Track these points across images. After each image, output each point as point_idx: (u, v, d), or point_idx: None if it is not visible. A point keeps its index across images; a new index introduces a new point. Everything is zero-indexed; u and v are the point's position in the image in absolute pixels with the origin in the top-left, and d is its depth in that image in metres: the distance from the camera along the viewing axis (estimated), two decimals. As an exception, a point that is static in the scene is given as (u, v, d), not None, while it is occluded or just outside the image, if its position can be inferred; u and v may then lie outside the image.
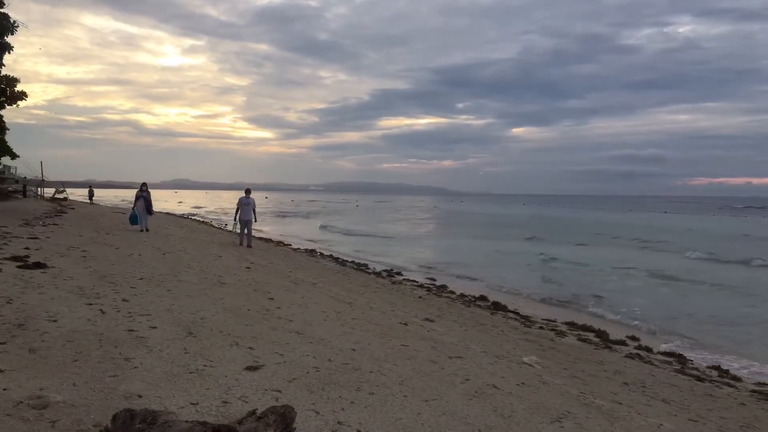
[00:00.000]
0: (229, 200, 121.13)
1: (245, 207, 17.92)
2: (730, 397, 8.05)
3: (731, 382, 9.25)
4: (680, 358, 10.54)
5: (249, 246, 17.99)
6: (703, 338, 12.50)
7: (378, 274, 19.28)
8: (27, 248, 10.52)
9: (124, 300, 6.83)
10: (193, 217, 44.27)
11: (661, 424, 5.63)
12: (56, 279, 7.68)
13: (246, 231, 18.21)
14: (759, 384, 9.28)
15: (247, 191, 18.45)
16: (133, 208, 18.80)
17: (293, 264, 16.52)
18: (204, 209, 69.82)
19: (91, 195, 50.22)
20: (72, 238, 13.57)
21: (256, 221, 19.02)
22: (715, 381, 9.15)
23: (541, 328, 12.25)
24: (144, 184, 19.20)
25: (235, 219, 18.63)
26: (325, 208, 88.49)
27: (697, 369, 9.95)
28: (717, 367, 10.10)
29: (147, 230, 18.05)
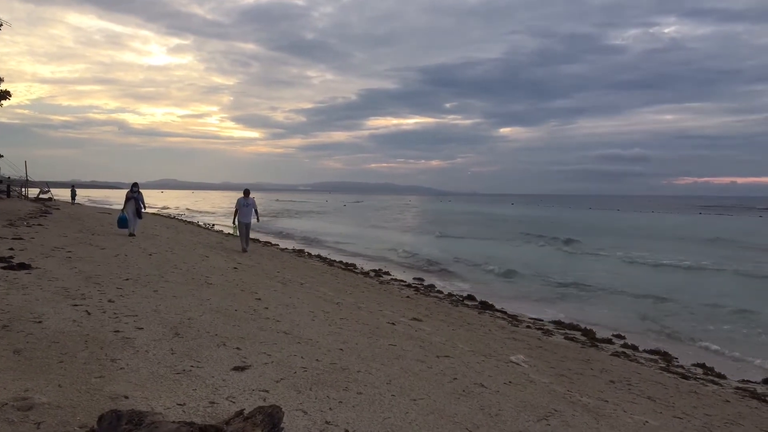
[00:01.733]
0: (209, 200, 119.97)
1: (244, 209, 16.91)
2: (714, 395, 8.14)
3: (716, 379, 9.37)
4: (665, 356, 10.65)
5: (244, 250, 17.11)
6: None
7: (366, 273, 19.28)
8: (11, 249, 10.40)
9: (110, 301, 6.78)
10: (179, 217, 43.99)
11: (647, 422, 5.69)
12: (41, 280, 7.60)
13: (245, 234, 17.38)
14: (743, 381, 9.41)
15: (246, 192, 17.48)
16: (122, 210, 17.08)
17: (281, 264, 16.47)
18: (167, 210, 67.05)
19: (73, 195, 47.52)
20: (57, 239, 13.43)
21: (258, 221, 18.11)
22: (700, 378, 9.26)
23: (528, 327, 12.32)
24: (135, 185, 17.71)
25: (233, 222, 17.46)
26: (284, 209, 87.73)
27: (682, 367, 10.06)
28: (702, 365, 10.22)
29: (134, 234, 16.59)
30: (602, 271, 23.58)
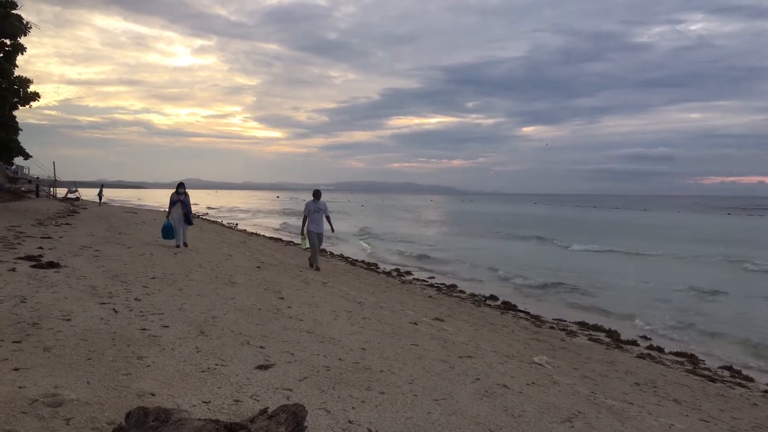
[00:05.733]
0: (241, 199, 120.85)
1: (315, 215, 13.44)
2: (742, 398, 7.98)
3: (743, 382, 9.17)
4: (692, 359, 10.46)
5: (317, 268, 13.87)
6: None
7: (388, 273, 19.28)
8: (40, 248, 10.63)
9: (136, 299, 6.89)
10: (203, 217, 44.51)
11: (673, 425, 5.60)
12: (69, 278, 7.76)
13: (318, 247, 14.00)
14: (772, 384, 9.21)
15: (316, 194, 13.73)
16: (167, 216, 14.35)
17: (303, 263, 16.55)
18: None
19: (100, 195, 47.19)
20: (85, 238, 13.69)
21: (333, 231, 14.46)
22: (727, 381, 9.08)
23: (551, 327, 12.20)
24: (181, 185, 14.73)
25: (302, 233, 13.94)
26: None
27: (708, 369, 9.87)
28: (729, 368, 10.02)
29: (185, 245, 14.23)
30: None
